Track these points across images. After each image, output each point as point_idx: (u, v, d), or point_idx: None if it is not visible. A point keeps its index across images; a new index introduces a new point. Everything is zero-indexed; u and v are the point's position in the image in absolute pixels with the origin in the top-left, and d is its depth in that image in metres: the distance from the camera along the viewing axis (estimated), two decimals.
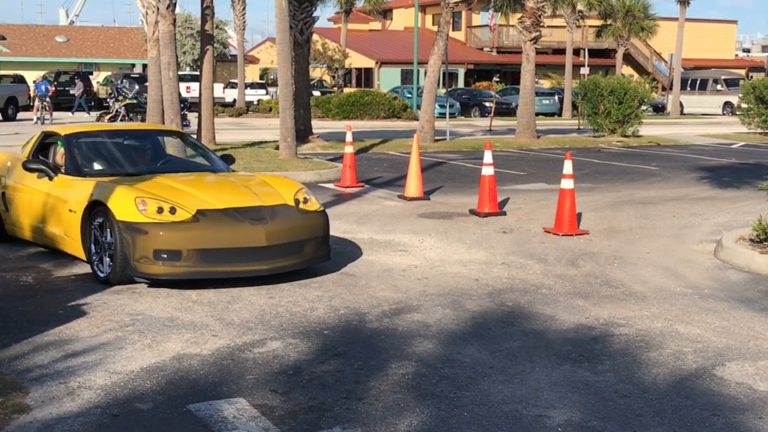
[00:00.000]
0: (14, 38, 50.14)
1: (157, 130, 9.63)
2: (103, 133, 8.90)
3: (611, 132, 24.88)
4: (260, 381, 4.89)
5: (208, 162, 8.71)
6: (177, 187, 7.38)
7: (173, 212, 6.83)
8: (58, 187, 7.71)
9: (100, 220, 7.03)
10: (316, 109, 32.82)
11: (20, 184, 8.25)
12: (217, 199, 7.17)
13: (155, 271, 6.70)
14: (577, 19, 42.16)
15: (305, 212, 7.41)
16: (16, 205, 8.31)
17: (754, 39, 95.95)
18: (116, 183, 7.28)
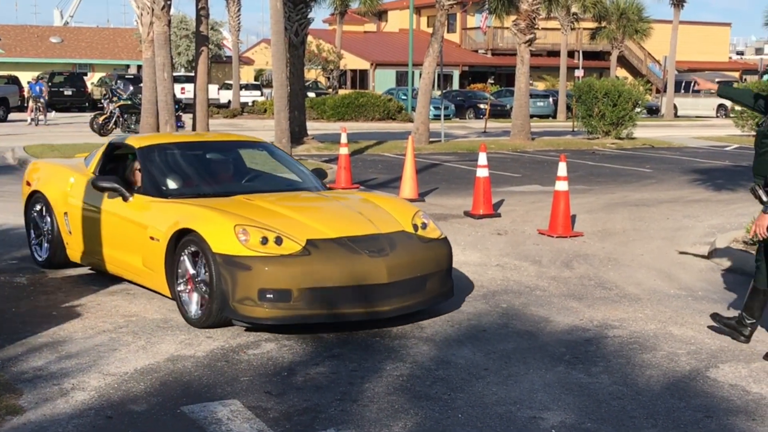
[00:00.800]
0: (8, 39, 50.03)
1: (240, 141, 8.20)
2: (181, 145, 7.58)
3: (605, 134, 24.93)
4: (254, 383, 4.89)
5: (299, 178, 7.57)
6: (277, 210, 6.32)
7: (279, 243, 5.72)
8: (134, 210, 6.62)
9: (189, 252, 5.95)
10: (311, 110, 32.81)
11: (87, 204, 7.11)
12: (326, 226, 6.06)
13: (260, 315, 5.58)
14: (572, 21, 42.26)
15: (427, 241, 6.27)
16: (82, 229, 7.18)
17: (748, 41, 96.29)
18: (207, 206, 6.23)
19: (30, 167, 8.31)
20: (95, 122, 24.20)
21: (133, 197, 6.70)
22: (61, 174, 7.67)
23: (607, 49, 50.11)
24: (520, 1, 23.91)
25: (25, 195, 8.02)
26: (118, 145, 7.56)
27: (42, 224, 7.68)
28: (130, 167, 7.28)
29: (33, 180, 7.97)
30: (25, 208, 7.98)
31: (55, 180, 7.64)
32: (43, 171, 8.02)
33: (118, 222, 6.75)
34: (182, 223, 6.02)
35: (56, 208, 7.45)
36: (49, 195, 7.57)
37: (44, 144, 19.28)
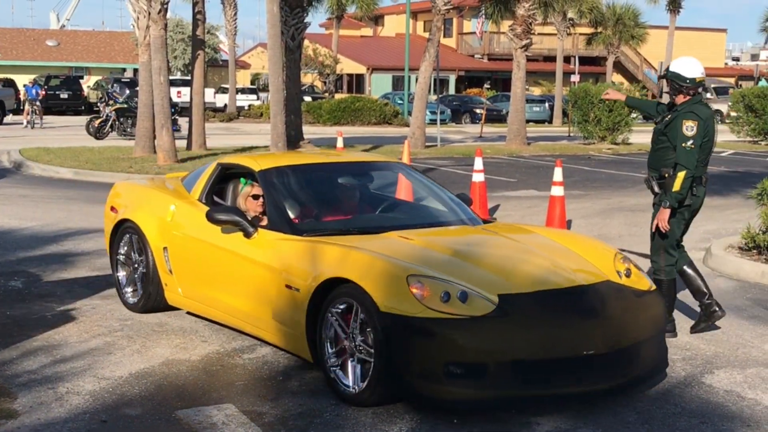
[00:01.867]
0: (4, 42, 49.99)
1: (373, 161, 6.83)
2: (309, 168, 6.32)
3: (601, 139, 24.98)
4: (250, 387, 4.88)
5: (445, 207, 6.16)
6: (446, 254, 5.03)
7: (465, 300, 4.45)
8: (261, 249, 5.32)
9: (342, 307, 4.67)
10: (307, 114, 32.84)
11: (195, 238, 5.87)
12: (516, 276, 4.77)
13: (447, 395, 4.33)
14: (568, 26, 42.37)
15: (640, 294, 4.96)
16: (188, 268, 5.94)
17: (744, 47, 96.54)
18: (361, 248, 4.89)
19: (114, 190, 7.06)
20: (91, 125, 24.19)
21: (258, 233, 5.38)
22: (157, 200, 6.40)
23: (603, 55, 50.21)
24: (516, 7, 23.96)
25: (110, 224, 6.70)
26: (230, 165, 6.21)
27: (134, 260, 6.42)
28: (241, 193, 5.97)
29: (120, 206, 6.70)
30: (111, 239, 6.66)
31: (151, 207, 6.36)
32: (132, 195, 6.78)
33: (237, 263, 5.45)
34: (333, 271, 4.74)
35: (153, 241, 6.17)
36: (143, 225, 6.26)
37: (40, 147, 19.26)
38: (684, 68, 6.04)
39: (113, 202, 6.88)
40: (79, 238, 9.20)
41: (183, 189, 6.41)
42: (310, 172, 6.26)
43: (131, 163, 16.18)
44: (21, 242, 8.92)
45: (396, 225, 5.61)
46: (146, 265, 6.24)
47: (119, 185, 7.16)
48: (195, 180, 6.36)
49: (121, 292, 6.55)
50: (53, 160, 16.58)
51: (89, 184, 14.24)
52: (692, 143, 5.85)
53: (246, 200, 5.88)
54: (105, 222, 6.93)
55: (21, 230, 9.64)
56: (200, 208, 5.97)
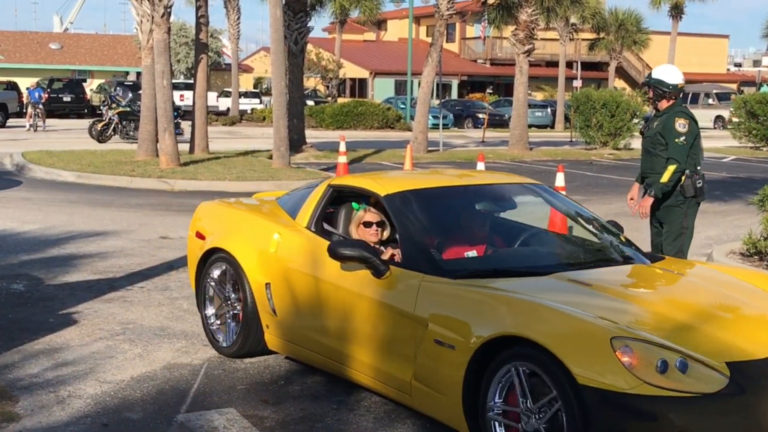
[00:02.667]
0: (8, 45, 50.08)
1: (512, 183, 5.59)
2: (443, 192, 5.23)
3: (603, 144, 24.99)
4: (251, 391, 4.89)
5: (599, 237, 5.20)
6: (643, 306, 4.06)
7: (685, 370, 3.49)
8: (395, 292, 4.40)
9: (515, 372, 3.77)
10: (309, 118, 32.86)
11: (307, 274, 4.92)
12: (738, 335, 3.82)
13: None
14: (571, 32, 42.41)
15: None
16: (297, 309, 5.01)
17: (746, 53, 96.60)
18: (531, 296, 4.00)
19: (199, 212, 6.13)
20: (94, 129, 24.21)
21: (390, 272, 4.46)
22: (256, 226, 5.49)
23: (605, 60, 50.24)
24: (519, 12, 23.99)
25: (197, 253, 5.76)
26: (343, 188, 5.29)
27: (227, 296, 5.51)
28: (353, 219, 5.14)
29: (208, 232, 5.81)
30: (197, 270, 5.76)
31: (248, 235, 5.44)
32: (222, 220, 5.83)
33: (363, 307, 4.53)
34: (505, 327, 3.80)
35: (252, 275, 5.24)
36: (240, 257, 5.32)
37: (43, 150, 19.29)
38: (666, 75, 6.45)
39: (199, 226, 5.94)
40: (82, 242, 9.21)
41: (284, 213, 5.47)
42: (446, 198, 5.20)
43: (134, 166, 16.20)
44: (23, 245, 8.93)
45: (559, 263, 4.70)
46: (244, 303, 5.29)
47: (205, 206, 6.14)
48: (299, 203, 5.42)
49: (210, 332, 5.61)
50: (56, 163, 16.61)
51: (92, 188, 14.26)
52: (684, 139, 6.29)
53: (358, 228, 5.06)
54: (189, 250, 6.01)
55: (23, 233, 9.65)
56: (310, 238, 5.06)
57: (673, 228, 6.51)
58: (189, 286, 7.32)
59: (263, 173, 15.68)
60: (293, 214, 5.37)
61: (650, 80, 6.52)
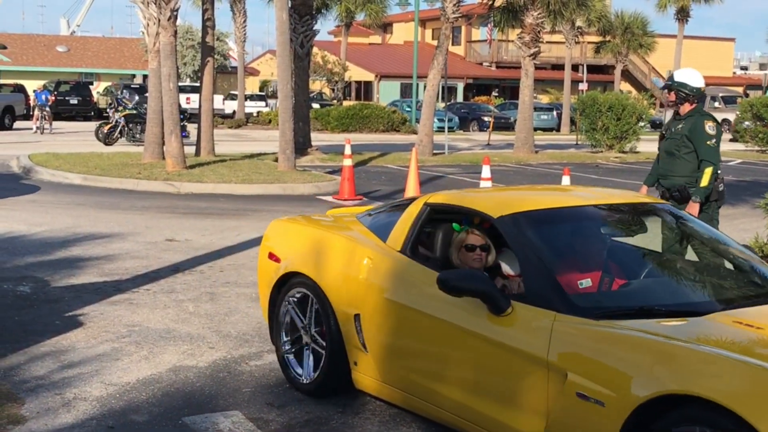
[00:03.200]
0: (15, 47, 50.26)
1: (638, 202, 4.84)
2: (564, 213, 4.52)
3: (609, 148, 24.96)
4: (256, 394, 4.89)
5: (742, 266, 4.38)
6: None
7: None
8: (519, 333, 3.72)
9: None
10: (315, 121, 32.89)
11: (404, 306, 4.29)
12: None
13: None
14: (576, 35, 42.38)
15: None
16: (392, 345, 4.39)
17: (752, 57, 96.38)
18: (699, 345, 3.28)
19: (271, 231, 5.46)
20: (100, 131, 24.28)
21: (512, 309, 3.78)
22: (340, 248, 4.81)
23: (611, 63, 50.23)
24: (524, 15, 23.99)
25: (271, 277, 5.15)
26: (442, 208, 4.62)
27: (307, 328, 4.91)
28: (454, 242, 4.48)
29: (283, 253, 5.17)
30: (271, 295, 5.15)
31: (333, 258, 4.79)
32: (300, 240, 5.15)
33: (478, 347, 3.86)
34: (671, 382, 3.13)
35: (339, 305, 4.63)
36: (323, 283, 4.73)
37: (49, 152, 19.34)
38: (690, 78, 6.50)
39: (272, 246, 5.30)
40: (88, 244, 9.23)
41: (371, 234, 4.81)
42: (570, 220, 4.52)
43: (140, 169, 16.24)
44: (29, 247, 8.96)
45: (715, 300, 3.93)
46: (327, 335, 4.70)
47: (278, 225, 5.48)
48: (388, 223, 4.77)
49: (286, 366, 5.02)
50: (62, 165, 16.64)
51: (98, 190, 14.30)
52: (715, 141, 6.37)
53: (459, 252, 4.43)
54: (260, 273, 5.37)
55: (29, 235, 9.67)
56: (407, 263, 4.43)
57: None
58: (195, 289, 7.35)
59: (269, 176, 15.70)
60: (383, 235, 4.71)
61: (673, 83, 6.52)
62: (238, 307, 6.78)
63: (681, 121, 6.53)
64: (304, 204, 13.16)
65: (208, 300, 6.97)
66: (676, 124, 6.58)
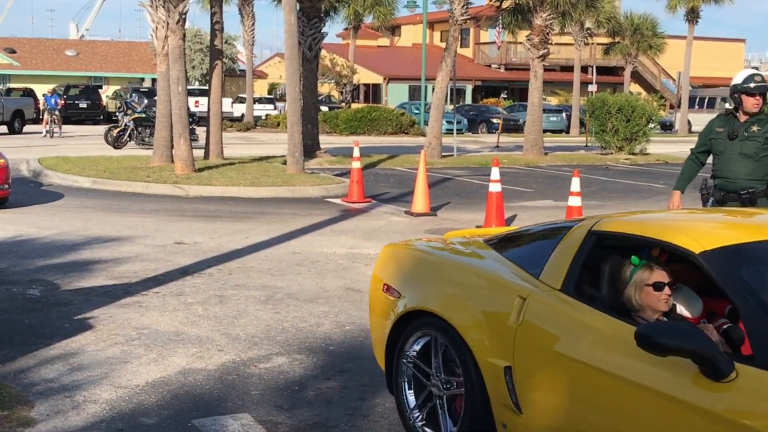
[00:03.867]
0: (24, 51, 50.49)
1: None
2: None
3: (619, 149, 24.89)
4: (265, 396, 4.88)
5: None
6: None
7: None
8: (748, 406, 2.87)
9: None
10: (323, 124, 32.93)
11: (576, 360, 3.39)
12: None
13: None
14: (585, 36, 42.28)
15: None
16: (558, 409, 3.50)
17: (762, 57, 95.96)
18: None
19: (385, 258, 4.60)
20: (110, 135, 24.36)
21: (737, 373, 2.93)
22: (482, 283, 3.99)
23: (620, 65, 50.09)
24: (533, 16, 23.95)
25: (388, 314, 4.34)
26: (614, 237, 3.75)
27: (439, 378, 4.05)
28: (633, 279, 3.63)
29: (404, 286, 4.32)
30: (389, 337, 4.31)
31: (470, 295, 3.97)
32: (426, 270, 4.32)
33: (684, 419, 2.98)
34: None
35: (481, 353, 3.76)
36: (460, 325, 3.87)
37: (59, 156, 19.41)
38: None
39: (388, 277, 4.45)
40: (97, 247, 9.24)
41: (515, 266, 3.96)
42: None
43: (149, 172, 16.27)
44: (39, 251, 8.98)
45: None
46: (467, 390, 3.83)
47: (394, 251, 4.61)
48: (537, 252, 3.98)
49: (408, 417, 4.21)
50: (72, 169, 16.69)
51: (107, 193, 14.33)
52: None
53: (641, 291, 3.59)
54: (374, 308, 4.56)
55: (39, 239, 9.70)
56: (574, 306, 3.55)
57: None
58: (204, 291, 7.34)
59: (277, 179, 15.71)
60: (531, 267, 3.87)
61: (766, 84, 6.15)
62: (247, 309, 6.78)
63: (753, 124, 6.17)
64: (313, 206, 13.16)
65: (217, 303, 6.96)
66: (747, 125, 6.18)
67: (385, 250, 4.68)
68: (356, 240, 10.19)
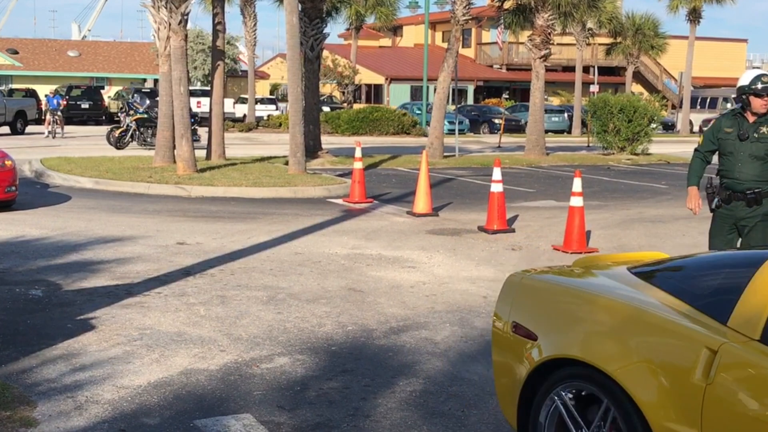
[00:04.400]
0: (26, 52, 50.52)
1: None
2: None
3: (621, 150, 24.88)
4: (267, 397, 4.88)
5: None
6: None
7: None
8: None
9: None
10: (325, 124, 32.92)
11: None
12: None
13: None
14: (587, 36, 42.26)
15: None
16: None
17: (765, 57, 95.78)
18: None
19: (514, 290, 3.89)
20: (112, 135, 24.37)
21: None
22: (649, 327, 3.24)
23: (622, 65, 50.05)
24: (535, 17, 23.95)
25: (520, 357, 3.65)
26: None
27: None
28: None
29: (542, 327, 3.61)
30: (524, 388, 3.60)
31: (634, 340, 3.24)
32: (570, 307, 3.61)
33: None
34: None
35: (657, 418, 3.05)
36: (625, 380, 3.15)
37: (61, 157, 19.43)
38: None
39: (518, 315, 3.75)
40: (99, 248, 9.25)
41: (689, 307, 3.26)
42: None
43: (151, 172, 16.28)
44: (41, 251, 8.99)
45: None
46: None
47: (521, 282, 3.89)
48: (721, 291, 3.31)
49: None
50: (74, 169, 16.71)
51: (109, 194, 14.34)
52: None
53: None
54: (499, 351, 3.84)
55: (42, 239, 9.71)
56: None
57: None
58: (206, 292, 7.35)
59: (279, 179, 15.72)
60: (713, 309, 3.18)
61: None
62: (249, 310, 6.79)
63: (762, 125, 6.14)
64: (315, 207, 13.17)
65: (219, 303, 6.97)
66: (756, 127, 6.17)
67: (510, 281, 3.94)
68: (358, 240, 10.20)
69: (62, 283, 7.57)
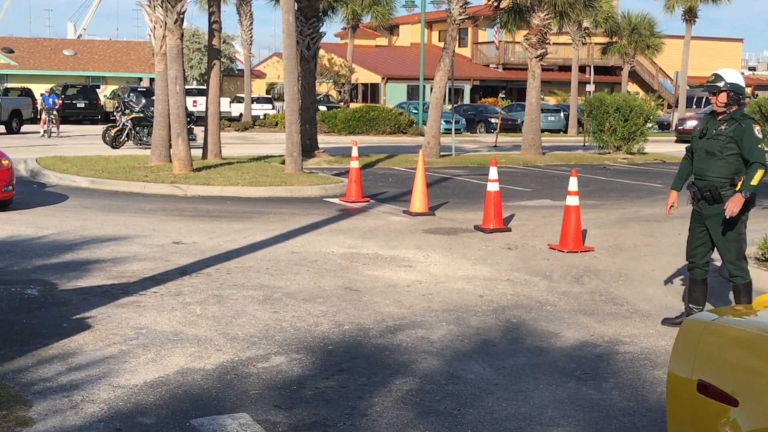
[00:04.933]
0: (22, 51, 50.43)
1: None
2: None
3: (617, 149, 24.91)
4: (264, 396, 4.88)
5: None
6: None
7: None
8: None
9: None
10: (322, 124, 32.90)
11: None
12: None
13: None
14: (583, 36, 42.31)
15: None
16: None
17: (760, 57, 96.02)
18: None
19: (694, 337, 3.13)
20: (107, 135, 24.34)
21: None
22: None
23: (618, 64, 50.12)
24: (531, 16, 23.96)
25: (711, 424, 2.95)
26: None
27: None
28: None
29: (742, 389, 2.87)
30: None
31: None
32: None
33: None
34: None
35: None
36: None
37: (57, 156, 19.39)
38: (740, 79, 6.37)
39: (705, 372, 3.03)
40: (95, 247, 9.24)
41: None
42: None
43: (147, 172, 16.26)
44: (37, 250, 8.98)
45: None
46: None
47: (706, 329, 3.13)
48: None
49: None
50: (69, 168, 16.68)
51: (105, 193, 14.32)
52: (762, 144, 6.34)
53: None
54: (678, 416, 3.15)
55: (37, 238, 9.70)
56: None
57: (732, 234, 6.47)
58: (202, 291, 7.35)
59: (276, 178, 15.71)
60: None
61: (727, 85, 6.22)
62: (246, 309, 6.79)
63: (723, 123, 6.35)
64: (311, 206, 13.17)
65: (215, 302, 6.97)
66: (717, 124, 6.40)
67: (689, 328, 3.15)
68: (354, 239, 10.20)
69: (58, 283, 7.56)
